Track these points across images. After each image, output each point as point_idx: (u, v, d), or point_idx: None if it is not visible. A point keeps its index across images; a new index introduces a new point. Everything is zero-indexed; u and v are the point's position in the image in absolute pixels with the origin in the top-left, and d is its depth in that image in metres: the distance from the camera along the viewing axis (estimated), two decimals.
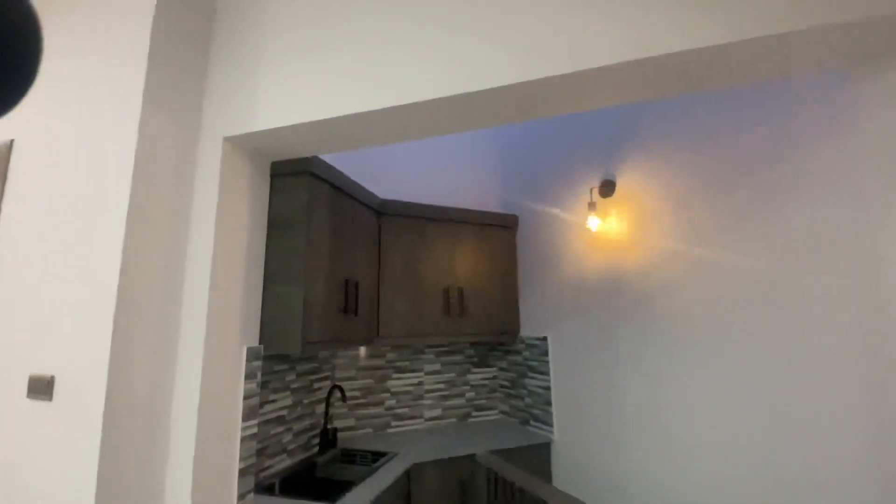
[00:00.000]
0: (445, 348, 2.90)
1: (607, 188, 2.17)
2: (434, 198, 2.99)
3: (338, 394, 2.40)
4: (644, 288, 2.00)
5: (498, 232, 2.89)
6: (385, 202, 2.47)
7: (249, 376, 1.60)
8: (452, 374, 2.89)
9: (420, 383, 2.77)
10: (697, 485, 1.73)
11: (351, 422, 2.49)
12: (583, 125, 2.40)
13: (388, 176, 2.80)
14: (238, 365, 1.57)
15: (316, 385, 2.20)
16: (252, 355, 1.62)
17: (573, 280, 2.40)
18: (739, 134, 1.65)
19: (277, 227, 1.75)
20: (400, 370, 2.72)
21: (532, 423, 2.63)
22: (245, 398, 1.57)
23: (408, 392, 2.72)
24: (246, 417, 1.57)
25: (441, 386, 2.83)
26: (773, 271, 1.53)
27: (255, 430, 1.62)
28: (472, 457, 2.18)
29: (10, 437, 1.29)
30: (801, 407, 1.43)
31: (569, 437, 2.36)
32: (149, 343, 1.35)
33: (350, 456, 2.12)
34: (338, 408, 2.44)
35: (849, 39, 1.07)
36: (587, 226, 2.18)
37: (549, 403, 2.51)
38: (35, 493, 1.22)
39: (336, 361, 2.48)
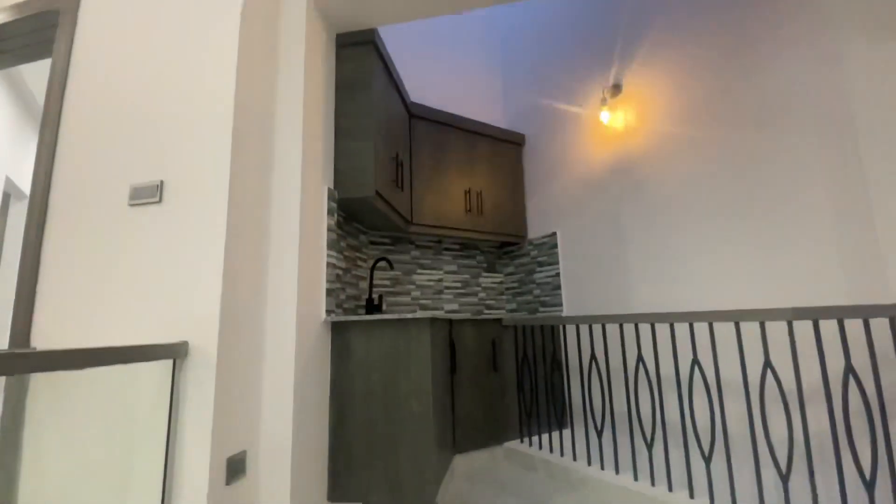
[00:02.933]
0: (460, 252, 3.18)
1: (616, 88, 2.52)
2: (442, 105, 3.17)
3: (382, 263, 2.62)
4: (645, 169, 2.37)
5: (508, 147, 3.19)
6: (414, 104, 2.69)
7: (330, 213, 1.80)
8: (467, 276, 3.18)
9: (440, 280, 3.04)
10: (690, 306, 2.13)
11: (383, 305, 2.72)
12: (590, 27, 2.73)
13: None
14: (321, 201, 1.76)
15: (359, 263, 2.41)
16: (331, 196, 1.82)
17: (582, 176, 2.75)
18: (730, 26, 2.03)
19: (343, 90, 1.94)
20: (423, 266, 2.97)
21: (541, 309, 2.99)
22: (328, 230, 1.77)
23: (430, 286, 2.98)
24: (328, 248, 1.77)
25: (458, 284, 3.12)
26: (752, 138, 1.92)
27: (334, 259, 1.83)
28: (499, 321, 2.49)
29: (118, 236, 1.39)
30: (779, 250, 1.83)
31: (577, 308, 2.73)
32: (253, 164, 1.52)
33: None
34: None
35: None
36: (599, 119, 2.52)
37: (558, 288, 2.86)
38: (164, 282, 1.35)
39: (368, 252, 2.69)
